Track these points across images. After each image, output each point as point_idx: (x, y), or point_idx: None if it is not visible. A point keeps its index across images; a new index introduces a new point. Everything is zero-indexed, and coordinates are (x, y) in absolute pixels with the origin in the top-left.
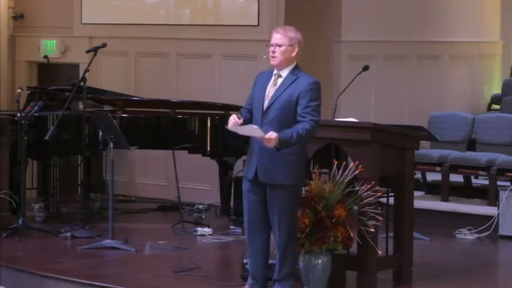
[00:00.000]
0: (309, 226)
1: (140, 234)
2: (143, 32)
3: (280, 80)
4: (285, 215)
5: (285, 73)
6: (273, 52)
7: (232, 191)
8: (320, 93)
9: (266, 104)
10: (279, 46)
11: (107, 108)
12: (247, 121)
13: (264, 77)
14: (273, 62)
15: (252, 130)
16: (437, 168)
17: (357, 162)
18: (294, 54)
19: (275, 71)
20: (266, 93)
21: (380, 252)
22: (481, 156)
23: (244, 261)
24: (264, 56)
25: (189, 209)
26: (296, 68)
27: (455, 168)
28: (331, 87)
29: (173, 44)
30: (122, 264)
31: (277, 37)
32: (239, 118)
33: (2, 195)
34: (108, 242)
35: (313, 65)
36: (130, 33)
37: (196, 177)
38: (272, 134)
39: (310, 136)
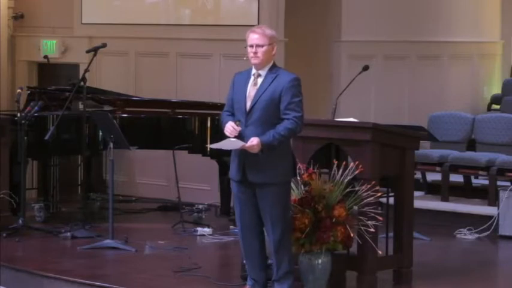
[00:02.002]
0: (309, 226)
1: (140, 234)
2: (143, 32)
3: (260, 80)
4: (277, 214)
5: (264, 72)
6: (255, 53)
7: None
8: (301, 89)
9: (249, 104)
10: (261, 46)
11: (107, 108)
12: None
13: (243, 77)
14: (255, 61)
15: (232, 143)
16: (437, 168)
17: (357, 162)
18: (273, 52)
19: (253, 71)
20: (247, 93)
21: (380, 252)
22: (481, 156)
23: (244, 261)
24: (245, 58)
25: (189, 209)
26: (274, 66)
27: (455, 168)
28: (331, 87)
29: (173, 44)
30: (122, 264)
31: (255, 37)
32: (238, 126)
33: (2, 195)
34: (108, 242)
35: (313, 65)
36: (130, 33)
37: (196, 177)
38: (253, 141)
39: (295, 134)
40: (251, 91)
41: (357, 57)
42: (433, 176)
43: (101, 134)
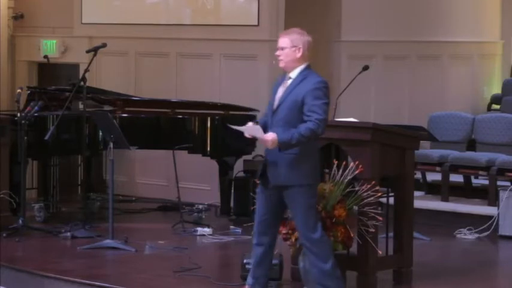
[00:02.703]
0: None
1: (140, 234)
2: (143, 32)
3: (289, 82)
4: (300, 218)
5: (294, 74)
6: (278, 55)
7: (232, 191)
8: (327, 92)
9: (275, 104)
10: (282, 49)
11: (107, 108)
12: (265, 126)
13: (279, 80)
14: (280, 64)
15: (254, 130)
16: (437, 168)
17: (357, 162)
18: (299, 55)
19: (287, 74)
20: (277, 94)
21: (380, 252)
22: (481, 156)
23: (244, 261)
24: (274, 62)
25: (189, 209)
26: (306, 68)
27: (455, 168)
28: (331, 87)
29: (173, 44)
30: (122, 264)
31: (280, 40)
32: (255, 124)
33: (2, 195)
34: (108, 242)
35: (313, 65)
36: (130, 33)
37: (196, 177)
38: (269, 136)
39: (316, 135)
40: (279, 92)
41: (357, 57)
42: (433, 176)
43: (101, 134)
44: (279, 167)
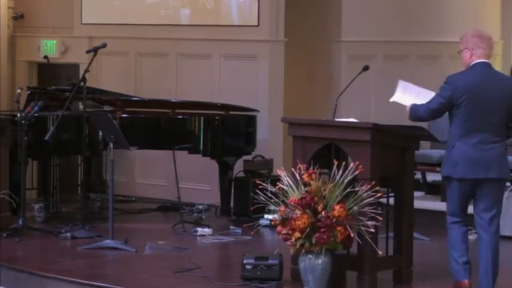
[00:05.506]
0: (309, 226)
1: (140, 234)
2: (143, 32)
3: None
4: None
5: None
6: None
7: (232, 191)
8: (444, 86)
9: None
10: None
11: (107, 108)
12: None
13: None
14: None
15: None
16: (437, 168)
17: (357, 163)
18: (463, 57)
19: None
20: None
21: (380, 252)
22: None
23: (244, 261)
24: None
25: (189, 209)
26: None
27: None
28: (331, 87)
29: (173, 44)
30: (122, 264)
31: None
32: None
33: (2, 195)
34: (108, 242)
35: (313, 65)
36: (130, 33)
37: (196, 177)
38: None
39: (418, 115)
40: None
41: (357, 57)
42: (433, 176)
43: (100, 134)
44: None
